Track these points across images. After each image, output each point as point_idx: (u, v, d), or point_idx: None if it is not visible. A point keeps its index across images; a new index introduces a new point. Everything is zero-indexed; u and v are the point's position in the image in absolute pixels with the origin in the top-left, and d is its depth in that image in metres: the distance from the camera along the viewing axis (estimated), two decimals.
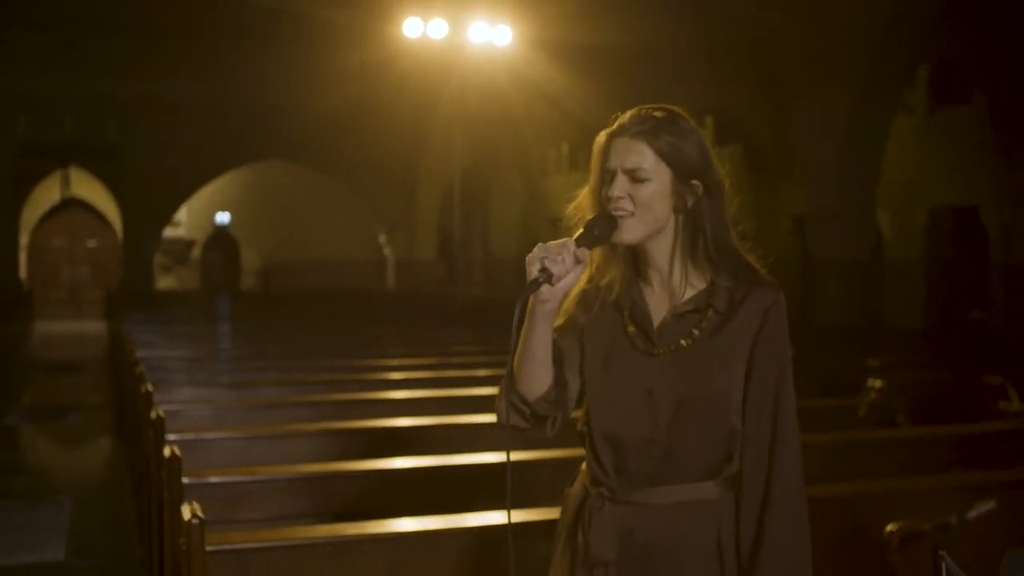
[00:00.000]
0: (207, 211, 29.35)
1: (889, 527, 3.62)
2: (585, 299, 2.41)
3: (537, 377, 2.32)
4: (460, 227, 22.74)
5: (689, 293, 2.34)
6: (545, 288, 2.22)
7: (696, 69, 17.20)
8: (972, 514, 3.55)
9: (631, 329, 2.36)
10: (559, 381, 2.36)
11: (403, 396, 7.03)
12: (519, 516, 3.66)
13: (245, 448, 5.26)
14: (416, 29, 16.14)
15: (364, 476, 4.51)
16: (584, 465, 2.44)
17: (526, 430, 2.37)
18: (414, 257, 27.84)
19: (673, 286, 2.36)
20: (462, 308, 19.95)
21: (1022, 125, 14.92)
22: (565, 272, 2.23)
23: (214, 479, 4.21)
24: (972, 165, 16.10)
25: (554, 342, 2.34)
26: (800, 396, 6.94)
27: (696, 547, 2.29)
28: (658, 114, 2.32)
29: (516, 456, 4.74)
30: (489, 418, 5.99)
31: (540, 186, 26.85)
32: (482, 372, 8.65)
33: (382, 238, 28.42)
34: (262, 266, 29.95)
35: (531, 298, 2.25)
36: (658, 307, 2.36)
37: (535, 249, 2.24)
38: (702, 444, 2.29)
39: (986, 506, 3.56)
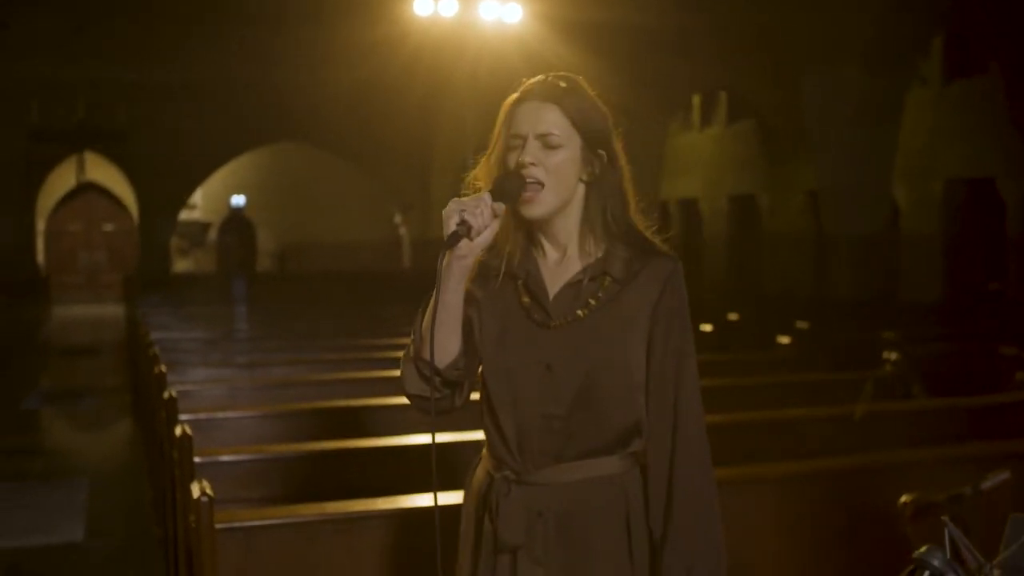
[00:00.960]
0: (222, 194, 29.36)
1: (903, 498, 3.60)
2: (485, 269, 2.33)
3: (449, 341, 2.23)
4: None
5: (585, 262, 2.28)
6: (464, 243, 2.14)
7: (707, 46, 17.10)
8: (986, 484, 3.53)
9: (525, 300, 2.29)
10: (468, 347, 2.28)
11: None
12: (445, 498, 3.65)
13: (257, 427, 5.27)
14: (427, 7, 16.08)
15: (376, 453, 4.51)
16: (485, 450, 2.37)
17: (436, 400, 2.27)
18: (429, 236, 27.79)
19: (570, 256, 2.30)
20: None
21: None
22: (483, 226, 2.15)
23: (225, 458, 4.21)
24: (988, 137, 15.97)
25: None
26: (817, 370, 6.94)
27: (605, 522, 2.24)
28: (563, 83, 2.27)
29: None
30: None
31: None
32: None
33: (397, 218, 28.39)
34: (277, 248, 29.97)
35: (447, 255, 2.18)
36: (553, 277, 2.30)
37: (450, 203, 2.17)
38: (606, 418, 2.23)
39: (1000, 476, 3.53)
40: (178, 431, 3.95)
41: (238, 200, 29.79)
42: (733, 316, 10.43)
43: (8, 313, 17.14)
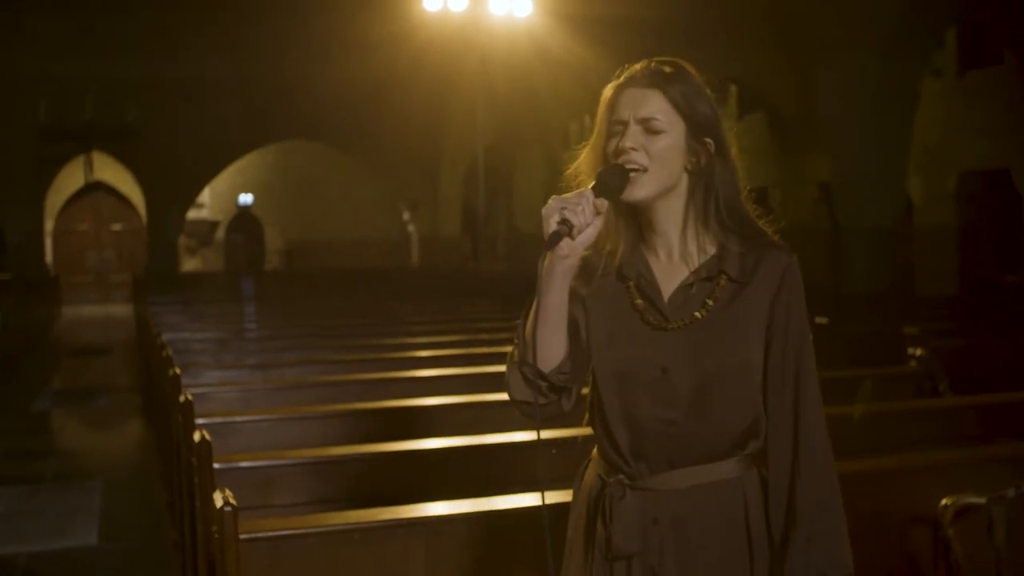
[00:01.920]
0: (230, 192, 29.33)
1: (944, 501, 3.51)
2: (587, 267, 2.23)
3: (553, 345, 2.16)
4: (484, 202, 22.64)
5: (699, 260, 2.20)
6: (565, 243, 2.06)
7: (717, 38, 17.00)
8: None
9: (639, 302, 2.21)
10: (574, 350, 2.20)
11: (430, 374, 6.94)
12: (552, 497, 3.57)
13: (273, 430, 5.19)
14: (436, 2, 15.99)
15: (395, 457, 4.43)
16: (595, 451, 2.30)
17: (542, 406, 2.19)
18: (438, 233, 27.73)
19: (682, 253, 2.22)
20: (487, 283, 19.88)
21: None
22: (585, 224, 2.08)
23: (245, 464, 4.12)
24: (1003, 128, 15.84)
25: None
26: (835, 366, 6.82)
27: (724, 528, 2.16)
28: (668, 68, 2.19)
29: (547, 434, 4.64)
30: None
31: (562, 159, 26.63)
32: (510, 348, 8.53)
33: (406, 215, 28.33)
34: (285, 246, 29.94)
35: (548, 255, 2.09)
36: (666, 277, 2.21)
37: (550, 201, 2.09)
38: (724, 422, 2.15)
39: None
40: (196, 436, 3.86)
41: (246, 198, 29.76)
42: None
43: (18, 313, 17.09)
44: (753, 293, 2.16)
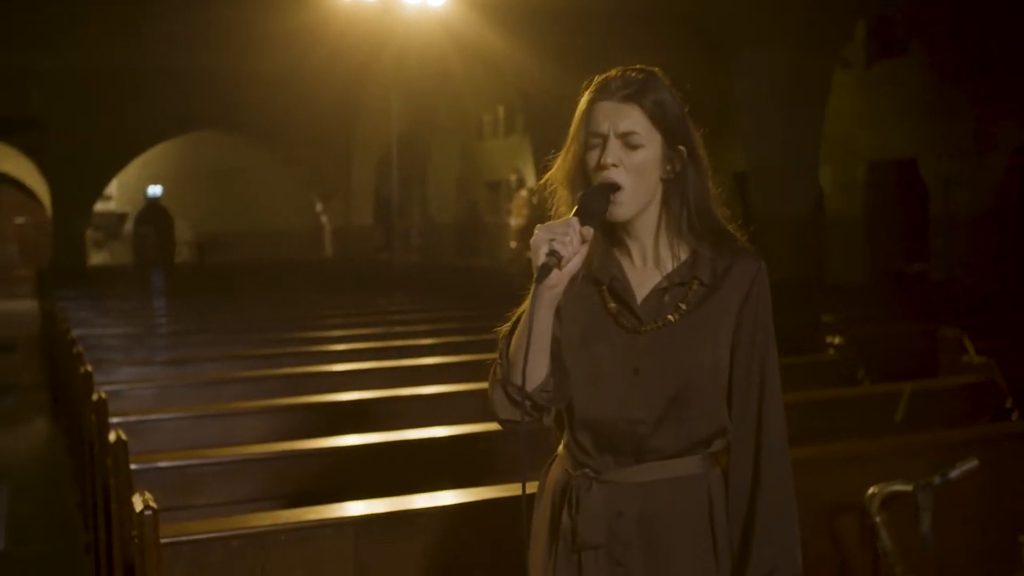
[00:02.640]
0: (138, 184, 28.75)
1: (872, 489, 3.54)
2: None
3: (538, 366, 2.20)
4: (398, 192, 22.48)
5: (672, 265, 2.26)
6: (554, 273, 2.10)
7: (633, 28, 17.05)
8: (955, 473, 3.50)
9: (612, 305, 2.25)
10: (556, 368, 2.24)
11: (349, 368, 6.84)
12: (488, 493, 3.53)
13: (191, 428, 5.06)
14: None
15: (317, 455, 4.35)
16: (561, 447, 2.34)
17: (525, 423, 2.23)
18: (351, 224, 27.49)
19: (655, 258, 2.27)
20: (402, 274, 19.77)
21: (959, 78, 14.99)
22: (573, 253, 2.11)
23: (163, 464, 4.00)
24: (909, 118, 16.15)
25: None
26: None
27: (688, 523, 2.22)
28: (640, 76, 2.22)
29: (486, 428, 4.60)
30: (438, 389, 5.88)
31: (476, 150, 26.62)
32: (426, 341, 8.48)
33: (318, 206, 28.04)
34: (196, 238, 29.46)
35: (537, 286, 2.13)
36: (640, 281, 2.27)
37: (538, 231, 2.12)
38: (692, 423, 2.21)
39: (969, 464, 3.50)
40: (112, 436, 3.74)
41: (155, 190, 29.20)
42: None
43: None
44: (723, 298, 2.23)
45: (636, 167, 2.19)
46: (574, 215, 2.14)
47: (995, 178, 14.92)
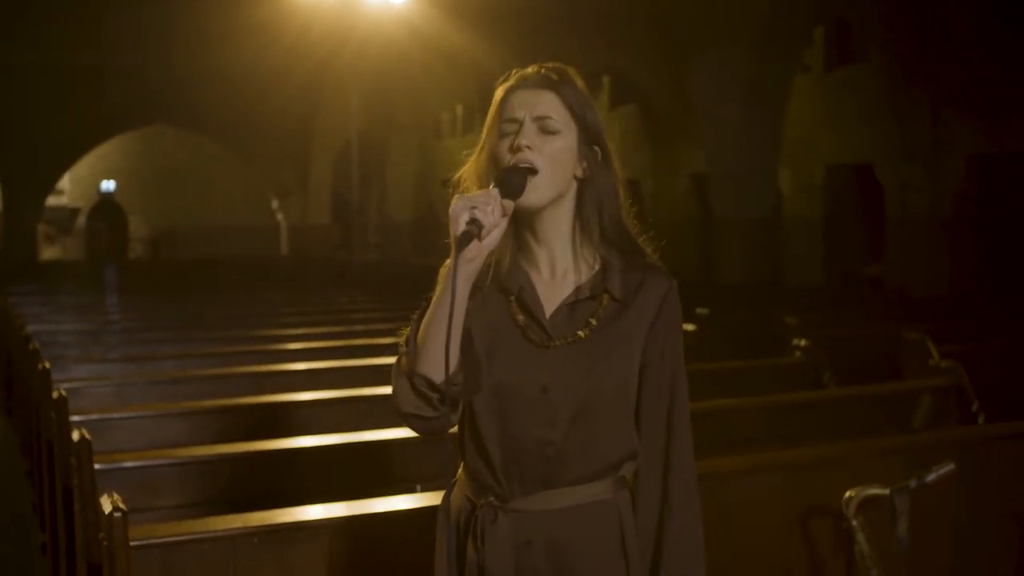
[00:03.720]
0: (92, 179, 28.44)
1: (848, 493, 3.53)
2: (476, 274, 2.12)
3: (449, 354, 2.02)
4: (357, 191, 22.36)
5: (583, 276, 2.16)
6: (473, 244, 1.97)
7: (592, 28, 17.06)
8: (931, 476, 3.49)
9: (520, 318, 2.14)
10: (466, 360, 2.09)
11: (310, 367, 6.77)
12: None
13: (152, 428, 4.97)
14: None
15: (281, 456, 4.28)
16: (462, 472, 2.21)
17: (431, 419, 2.07)
18: (309, 222, 27.33)
19: (564, 268, 2.17)
20: (360, 273, 19.67)
21: (916, 83, 15.12)
22: (494, 224, 1.99)
23: (128, 464, 3.91)
24: (867, 123, 16.29)
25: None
26: (718, 357, 6.88)
27: (599, 549, 2.13)
28: (556, 75, 2.16)
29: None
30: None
31: (434, 148, 26.55)
32: (385, 340, 8.40)
33: (275, 203, 27.86)
34: (151, 234, 29.17)
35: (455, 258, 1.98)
36: (548, 293, 2.16)
37: (457, 201, 2.00)
38: (601, 443, 2.12)
39: (945, 468, 3.50)
40: (75, 436, 3.64)
41: (108, 185, 28.87)
42: None
43: None
44: (634, 315, 2.15)
45: (551, 154, 2.10)
46: (493, 187, 2.03)
47: (951, 183, 15.06)
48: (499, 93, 2.17)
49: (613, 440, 2.13)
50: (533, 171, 2.07)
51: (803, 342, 6.41)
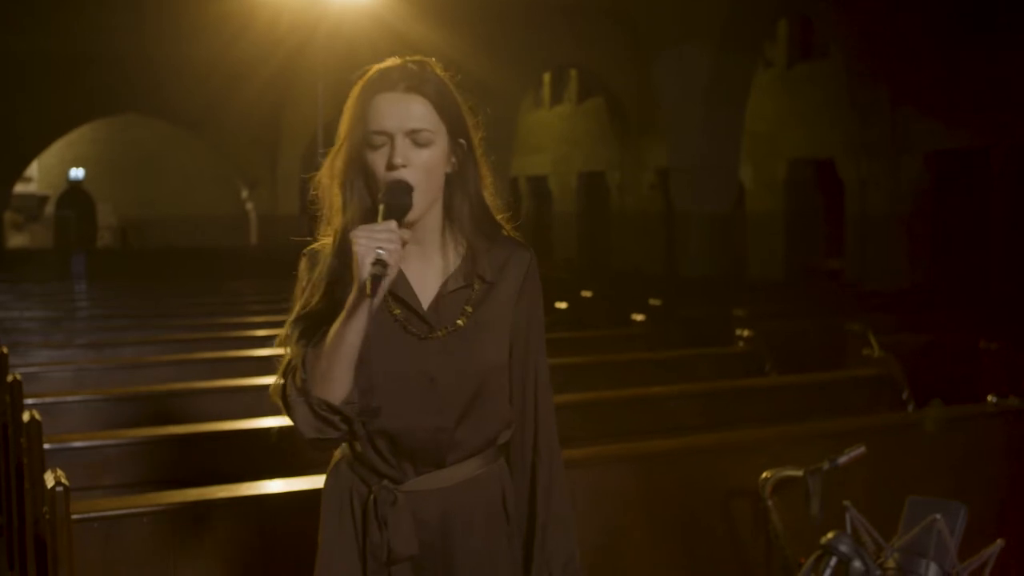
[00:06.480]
0: (60, 166, 28.30)
1: (765, 474, 3.69)
2: (338, 276, 2.17)
3: (348, 379, 2.08)
4: None
5: (453, 263, 2.21)
6: (382, 285, 1.97)
7: (559, 23, 17.18)
8: (843, 459, 3.65)
9: (397, 312, 2.18)
10: (361, 375, 2.12)
11: (270, 353, 6.87)
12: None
13: (108, 410, 5.08)
14: None
15: (232, 436, 4.39)
16: (346, 456, 2.25)
17: (336, 439, 2.15)
18: (278, 212, 27.33)
19: (435, 258, 2.22)
20: None
21: (876, 80, 15.35)
22: (399, 260, 2.00)
23: (77, 444, 4.04)
24: (828, 118, 16.51)
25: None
26: (670, 347, 7.03)
27: (487, 518, 2.24)
28: (419, 66, 2.15)
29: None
30: None
31: None
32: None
33: (244, 193, 27.83)
34: (119, 223, 29.06)
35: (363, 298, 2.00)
36: (422, 284, 2.21)
37: (359, 235, 1.98)
38: (488, 422, 2.23)
39: (856, 451, 3.66)
40: (26, 416, 3.76)
41: (77, 173, 28.74)
42: (587, 293, 10.53)
43: None
44: (502, 293, 2.24)
45: (424, 165, 2.10)
46: (386, 218, 2.01)
47: (910, 179, 15.30)
48: (359, 93, 2.15)
49: (497, 417, 2.24)
50: (411, 188, 2.08)
51: (746, 333, 6.59)
